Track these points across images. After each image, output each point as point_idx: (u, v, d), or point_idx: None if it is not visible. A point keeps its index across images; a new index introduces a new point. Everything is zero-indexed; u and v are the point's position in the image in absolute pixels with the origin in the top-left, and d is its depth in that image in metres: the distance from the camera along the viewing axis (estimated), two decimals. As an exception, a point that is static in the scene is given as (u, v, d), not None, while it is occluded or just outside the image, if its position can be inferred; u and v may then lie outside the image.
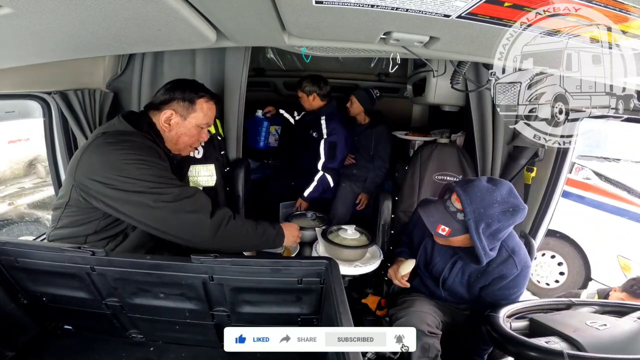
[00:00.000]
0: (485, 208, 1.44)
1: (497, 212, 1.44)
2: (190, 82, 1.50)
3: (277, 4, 0.85)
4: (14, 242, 0.95)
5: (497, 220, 1.44)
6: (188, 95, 1.43)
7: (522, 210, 1.47)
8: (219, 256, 0.90)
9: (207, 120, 1.48)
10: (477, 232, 1.45)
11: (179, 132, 1.45)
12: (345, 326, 0.73)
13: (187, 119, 1.44)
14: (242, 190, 2.29)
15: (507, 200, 1.46)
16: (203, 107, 1.46)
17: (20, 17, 0.77)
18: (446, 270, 1.73)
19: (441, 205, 1.56)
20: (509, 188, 1.51)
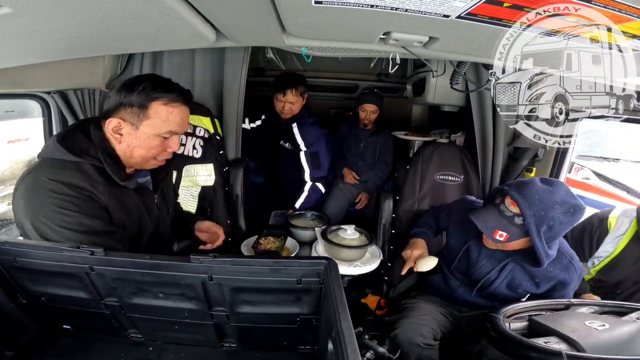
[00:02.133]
0: (546, 211, 1.39)
1: (559, 213, 1.39)
2: (144, 79, 1.19)
3: (276, 4, 0.85)
4: (13, 241, 0.94)
5: (559, 222, 1.40)
6: (138, 98, 1.15)
7: (582, 210, 1.42)
8: (218, 256, 0.89)
9: (169, 127, 1.20)
10: (539, 235, 1.41)
11: (131, 144, 1.19)
12: (344, 326, 0.73)
13: (139, 128, 1.17)
14: (241, 190, 2.29)
15: (567, 201, 1.41)
16: (159, 112, 1.17)
17: (19, 17, 0.77)
18: (493, 273, 1.67)
19: (494, 210, 1.50)
20: (566, 188, 1.47)
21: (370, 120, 3.06)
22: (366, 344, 1.46)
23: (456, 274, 1.80)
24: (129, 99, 1.15)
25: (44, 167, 1.11)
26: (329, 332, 0.85)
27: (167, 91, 1.19)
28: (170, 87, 1.21)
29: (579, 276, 1.59)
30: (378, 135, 3.14)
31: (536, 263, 1.47)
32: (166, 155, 1.28)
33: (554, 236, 1.43)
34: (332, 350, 0.84)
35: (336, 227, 1.93)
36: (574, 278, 1.57)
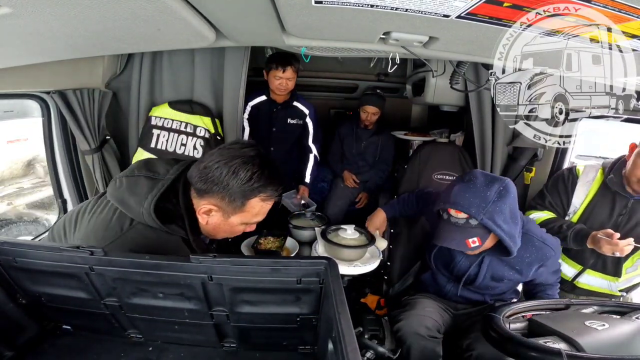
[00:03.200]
0: (483, 200, 1.44)
1: (494, 197, 1.44)
2: (251, 164, 1.06)
3: (276, 4, 0.85)
4: (13, 241, 0.94)
5: (502, 204, 1.44)
6: (240, 192, 1.07)
7: (505, 180, 1.49)
8: (218, 256, 0.89)
9: (258, 219, 1.18)
10: (497, 224, 1.44)
11: (217, 227, 1.16)
12: (344, 326, 0.73)
13: (230, 218, 1.13)
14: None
15: (490, 182, 1.47)
16: (255, 207, 1.12)
17: (19, 17, 0.77)
18: (473, 268, 1.71)
19: (451, 226, 1.53)
20: (480, 173, 1.54)
21: (371, 121, 3.06)
22: (366, 344, 1.46)
23: (441, 270, 1.84)
24: (230, 190, 1.06)
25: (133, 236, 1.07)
26: (329, 332, 0.85)
27: (269, 184, 1.10)
28: (272, 178, 1.10)
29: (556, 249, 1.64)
30: (379, 135, 3.14)
31: (506, 253, 1.52)
32: (239, 233, 1.24)
33: (513, 218, 1.48)
34: (332, 350, 0.84)
35: (336, 227, 1.93)
36: (552, 254, 1.61)
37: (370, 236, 1.89)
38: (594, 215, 1.86)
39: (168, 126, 2.18)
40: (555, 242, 1.65)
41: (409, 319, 1.67)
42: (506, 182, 1.48)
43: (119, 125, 2.31)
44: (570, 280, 1.98)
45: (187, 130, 2.18)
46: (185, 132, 2.18)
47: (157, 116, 2.18)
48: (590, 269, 1.92)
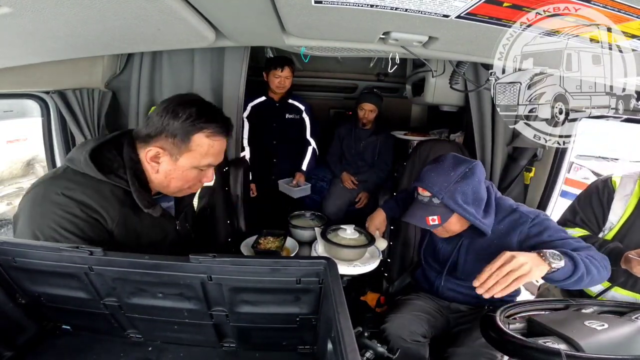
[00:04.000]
0: (446, 180, 1.47)
1: (458, 178, 1.47)
2: (189, 105, 1.11)
3: (276, 4, 0.85)
4: (12, 241, 0.94)
5: (465, 185, 1.47)
6: (182, 128, 1.09)
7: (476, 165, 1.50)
8: (218, 256, 0.89)
9: (208, 160, 1.15)
10: (458, 204, 1.47)
11: (168, 174, 1.15)
12: (343, 326, 0.73)
13: (178, 159, 1.13)
14: (240, 190, 2.29)
15: (457, 164, 1.50)
16: (202, 145, 1.11)
17: (19, 17, 0.77)
18: (454, 253, 1.71)
19: (417, 203, 1.58)
20: (451, 155, 1.56)
21: (369, 119, 3.06)
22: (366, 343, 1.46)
23: (430, 263, 1.86)
24: (172, 128, 1.09)
25: (64, 178, 1.07)
26: (329, 332, 0.85)
27: (211, 121, 1.11)
28: (214, 116, 1.13)
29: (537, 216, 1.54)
30: (378, 135, 3.14)
31: (481, 233, 1.54)
32: (199, 186, 1.25)
33: (477, 199, 1.50)
34: (331, 350, 0.84)
35: (336, 227, 1.93)
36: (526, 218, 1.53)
37: (370, 236, 1.89)
38: (633, 232, 1.70)
39: (167, 126, 2.18)
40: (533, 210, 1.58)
41: (394, 321, 1.69)
42: (473, 164, 1.50)
43: (119, 125, 2.31)
44: (594, 295, 1.83)
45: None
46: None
47: (157, 116, 2.18)
48: (619, 286, 1.77)
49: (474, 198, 1.49)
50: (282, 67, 2.82)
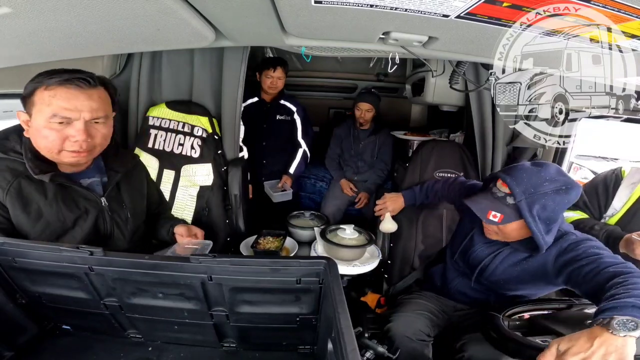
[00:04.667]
0: (535, 187, 1.35)
1: (549, 190, 1.35)
2: (44, 72, 1.12)
3: (276, 4, 0.85)
4: (13, 242, 0.94)
5: (551, 200, 1.35)
6: (27, 88, 1.12)
7: (576, 187, 1.35)
8: (218, 256, 0.89)
9: (53, 111, 1.09)
10: (531, 213, 1.36)
11: (32, 135, 1.15)
12: (344, 326, 0.73)
13: (32, 118, 1.13)
14: (239, 189, 2.29)
15: (557, 178, 1.36)
16: (43, 98, 1.10)
17: (18, 17, 0.77)
18: (488, 258, 1.61)
19: (487, 193, 1.47)
20: (557, 168, 1.42)
21: (366, 119, 3.06)
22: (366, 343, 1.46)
23: (458, 263, 1.77)
24: (25, 90, 1.13)
25: None
26: (329, 331, 0.86)
27: (52, 75, 1.10)
28: (57, 71, 1.11)
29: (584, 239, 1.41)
30: (376, 135, 3.14)
31: (535, 248, 1.42)
32: (74, 146, 1.14)
33: (551, 218, 1.38)
34: (331, 350, 0.84)
35: (335, 227, 1.93)
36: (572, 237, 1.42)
37: (369, 236, 1.89)
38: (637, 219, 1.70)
39: (165, 126, 2.18)
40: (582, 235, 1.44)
41: (398, 320, 1.65)
42: (572, 185, 1.37)
43: (118, 125, 2.30)
44: None
45: (184, 130, 2.18)
46: (183, 131, 2.18)
47: (155, 116, 2.18)
48: None
49: (550, 216, 1.38)
50: (274, 68, 2.80)
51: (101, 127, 1.19)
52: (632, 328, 0.98)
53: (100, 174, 1.33)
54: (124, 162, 1.39)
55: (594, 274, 1.21)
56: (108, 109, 1.20)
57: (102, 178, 1.33)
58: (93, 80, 1.15)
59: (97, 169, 1.33)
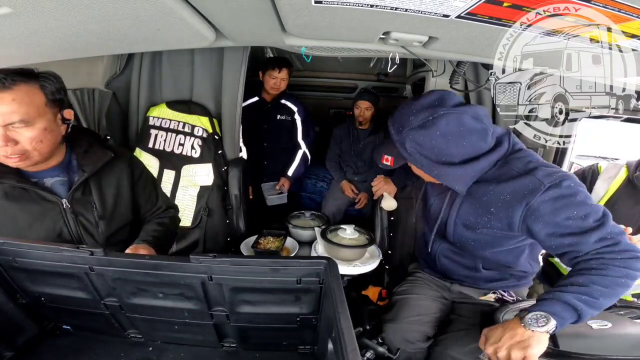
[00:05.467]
0: (403, 125, 1.26)
1: (415, 125, 1.24)
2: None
3: (276, 4, 0.85)
4: (13, 242, 0.94)
5: (420, 135, 1.23)
6: None
7: (440, 112, 1.20)
8: (218, 256, 0.89)
9: None
10: (408, 152, 1.28)
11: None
12: (344, 326, 0.73)
13: None
14: (239, 189, 2.29)
15: (422, 109, 1.22)
16: None
17: (19, 17, 0.77)
18: (444, 211, 1.48)
19: (388, 138, 1.38)
20: (433, 95, 1.26)
21: (365, 117, 3.06)
22: (366, 343, 1.46)
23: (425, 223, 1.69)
24: None
25: None
26: (329, 331, 0.86)
27: None
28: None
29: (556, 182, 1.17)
30: (376, 134, 3.14)
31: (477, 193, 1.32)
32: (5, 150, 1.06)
33: (441, 154, 1.25)
34: (332, 350, 0.84)
35: (336, 227, 1.93)
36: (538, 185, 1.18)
37: (370, 236, 1.89)
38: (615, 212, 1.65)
39: (166, 126, 2.18)
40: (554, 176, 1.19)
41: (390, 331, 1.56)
42: (439, 114, 1.22)
43: (119, 125, 2.31)
44: None
45: (184, 130, 2.18)
46: (183, 132, 2.18)
47: (155, 116, 2.19)
48: None
49: (437, 153, 1.25)
50: (279, 68, 2.74)
51: (25, 131, 1.06)
52: (542, 324, 1.04)
53: (68, 172, 1.25)
54: (93, 160, 1.26)
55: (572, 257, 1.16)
56: (31, 110, 1.06)
57: (71, 177, 1.25)
58: (4, 80, 1.02)
59: (66, 167, 1.25)
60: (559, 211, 1.17)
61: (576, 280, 1.10)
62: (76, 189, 1.23)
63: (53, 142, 1.14)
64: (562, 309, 1.05)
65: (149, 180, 1.50)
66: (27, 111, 1.05)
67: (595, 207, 1.17)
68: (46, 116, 1.11)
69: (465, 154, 1.27)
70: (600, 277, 1.08)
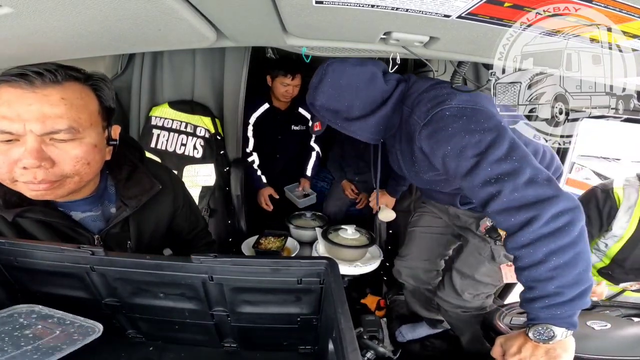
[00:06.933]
0: (310, 86, 1.37)
1: (315, 82, 1.35)
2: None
3: (277, 4, 0.85)
4: (13, 241, 0.94)
5: (319, 91, 1.35)
6: None
7: (325, 65, 1.28)
8: (219, 256, 0.89)
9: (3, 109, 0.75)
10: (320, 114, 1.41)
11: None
12: (344, 326, 0.73)
13: None
14: (241, 190, 2.30)
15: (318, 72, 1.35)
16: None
17: (20, 17, 0.77)
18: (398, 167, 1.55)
19: None
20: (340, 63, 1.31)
21: None
22: (366, 344, 1.46)
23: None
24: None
25: None
26: (330, 332, 0.85)
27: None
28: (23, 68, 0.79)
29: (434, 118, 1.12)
30: None
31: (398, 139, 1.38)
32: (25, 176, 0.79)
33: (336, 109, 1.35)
34: (332, 350, 0.84)
35: (336, 227, 1.94)
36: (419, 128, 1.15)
37: (370, 236, 1.89)
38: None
39: (168, 126, 2.19)
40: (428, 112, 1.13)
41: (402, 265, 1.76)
42: (325, 68, 1.32)
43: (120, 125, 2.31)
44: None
45: (187, 130, 2.19)
46: (185, 132, 2.19)
47: (157, 116, 2.19)
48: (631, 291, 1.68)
49: (335, 106, 1.34)
50: (292, 75, 2.41)
51: (69, 147, 0.80)
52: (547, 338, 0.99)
53: (102, 204, 1.03)
54: (137, 193, 1.02)
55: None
56: (83, 117, 0.82)
57: (105, 209, 1.04)
58: (55, 73, 0.79)
59: (101, 197, 1.02)
60: (435, 151, 1.12)
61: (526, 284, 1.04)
62: (113, 226, 1.02)
63: (98, 167, 0.91)
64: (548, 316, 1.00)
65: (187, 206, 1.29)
66: (79, 117, 0.81)
67: (478, 137, 1.06)
68: (98, 129, 0.87)
69: (362, 105, 1.31)
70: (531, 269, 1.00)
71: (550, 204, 0.99)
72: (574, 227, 0.98)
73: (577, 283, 0.97)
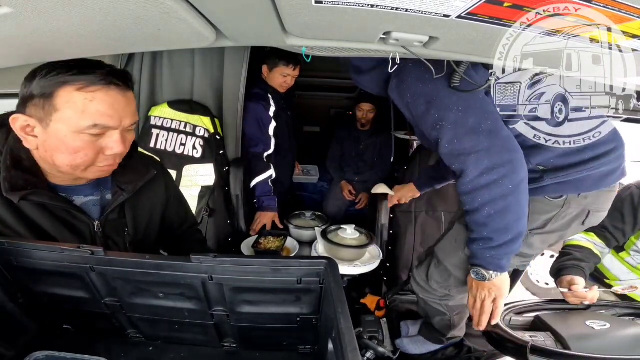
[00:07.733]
0: None
1: None
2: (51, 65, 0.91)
3: (276, 4, 0.85)
4: (13, 241, 0.94)
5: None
6: (39, 85, 0.87)
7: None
8: (219, 255, 0.90)
9: (92, 119, 0.88)
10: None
11: (48, 148, 0.90)
12: (344, 326, 0.73)
13: (50, 125, 0.88)
14: (241, 190, 2.30)
15: None
16: (74, 101, 0.87)
17: (19, 17, 0.77)
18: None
19: None
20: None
21: (368, 119, 3.06)
22: (366, 344, 1.46)
23: None
24: (36, 90, 0.88)
25: None
26: (329, 332, 0.86)
27: (82, 72, 0.88)
28: (87, 68, 0.89)
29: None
30: (377, 135, 3.14)
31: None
32: (108, 160, 0.95)
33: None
34: (332, 350, 0.84)
35: (336, 227, 1.94)
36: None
37: (370, 236, 1.89)
38: None
39: (167, 126, 2.19)
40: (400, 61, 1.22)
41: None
42: None
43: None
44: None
45: (186, 130, 2.19)
46: (185, 131, 2.18)
47: (157, 116, 2.19)
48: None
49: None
50: (294, 65, 2.38)
51: (131, 135, 1.01)
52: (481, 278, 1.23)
53: (101, 189, 1.11)
54: (134, 178, 1.10)
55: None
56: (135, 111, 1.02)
57: (104, 195, 1.11)
58: (130, 80, 0.98)
59: (100, 183, 1.10)
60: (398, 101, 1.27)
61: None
62: (111, 211, 1.09)
63: None
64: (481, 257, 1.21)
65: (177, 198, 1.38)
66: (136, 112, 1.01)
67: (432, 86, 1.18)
68: None
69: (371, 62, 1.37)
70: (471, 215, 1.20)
71: (484, 155, 1.13)
72: (507, 180, 1.12)
73: (506, 231, 1.14)
